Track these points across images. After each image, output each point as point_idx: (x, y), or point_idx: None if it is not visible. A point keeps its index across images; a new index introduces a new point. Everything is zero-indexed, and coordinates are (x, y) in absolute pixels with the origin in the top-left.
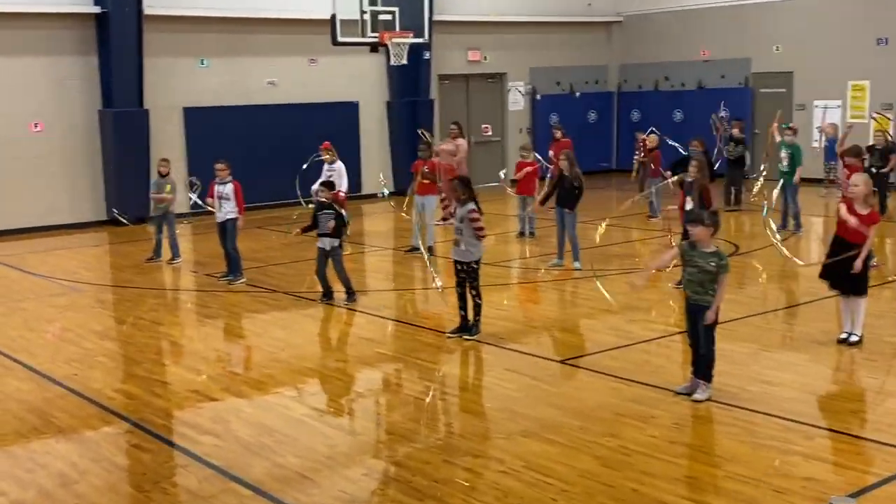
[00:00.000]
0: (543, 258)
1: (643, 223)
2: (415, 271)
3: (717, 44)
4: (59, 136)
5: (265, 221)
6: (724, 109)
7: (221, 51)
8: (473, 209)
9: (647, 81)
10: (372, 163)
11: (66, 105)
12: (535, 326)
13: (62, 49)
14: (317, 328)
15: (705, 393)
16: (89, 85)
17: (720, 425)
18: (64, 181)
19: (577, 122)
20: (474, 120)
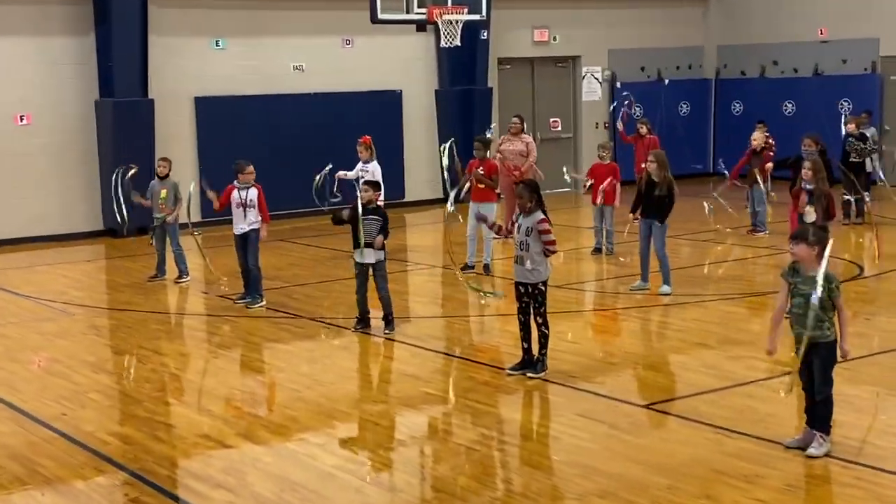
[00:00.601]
0: (624, 280)
1: (745, 239)
2: (468, 294)
3: (838, 21)
4: (49, 131)
5: (289, 233)
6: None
7: (240, 30)
8: (543, 219)
9: (752, 66)
10: (417, 163)
11: (56, 94)
12: (614, 363)
13: (53, 28)
14: (350, 362)
15: (822, 447)
16: (84, 70)
17: (840, 486)
18: (53, 184)
19: (666, 115)
20: (541, 112)
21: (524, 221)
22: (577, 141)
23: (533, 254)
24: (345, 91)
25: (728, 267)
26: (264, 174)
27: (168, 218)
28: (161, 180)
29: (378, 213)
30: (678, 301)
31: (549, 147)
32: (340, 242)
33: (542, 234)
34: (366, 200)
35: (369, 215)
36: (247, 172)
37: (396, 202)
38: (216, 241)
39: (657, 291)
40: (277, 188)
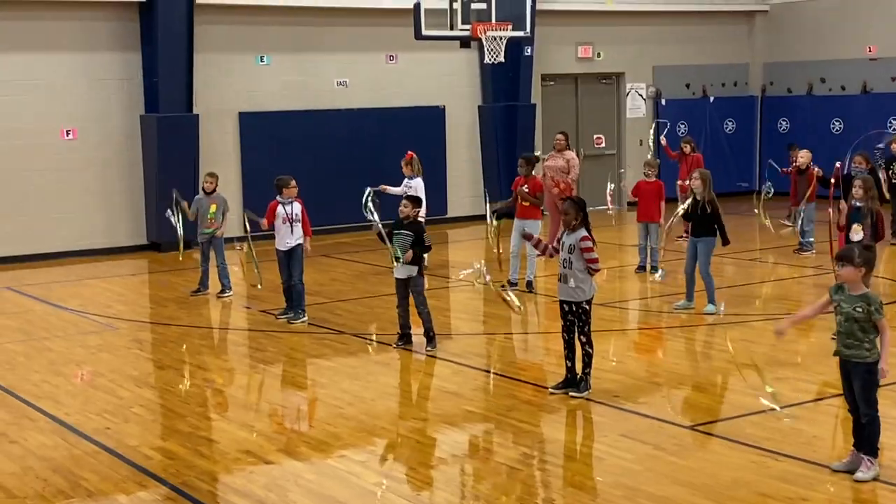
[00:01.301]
0: (669, 298)
1: (792, 258)
2: (511, 312)
3: (887, 39)
4: (94, 146)
5: (332, 248)
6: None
7: (284, 46)
8: (586, 237)
9: (799, 84)
10: (460, 179)
11: (102, 109)
12: (658, 383)
13: (99, 44)
14: (392, 379)
15: (870, 471)
16: (130, 85)
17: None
18: (98, 198)
19: (711, 132)
20: (585, 129)
21: (567, 239)
22: (621, 158)
23: (577, 272)
24: (388, 107)
25: (773, 286)
26: (307, 189)
27: (217, 232)
28: (208, 195)
29: (412, 227)
30: (723, 321)
31: (592, 164)
32: (382, 258)
33: (585, 251)
34: (403, 216)
35: (402, 230)
36: (291, 187)
37: (439, 218)
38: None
39: (702, 311)
40: (320, 203)
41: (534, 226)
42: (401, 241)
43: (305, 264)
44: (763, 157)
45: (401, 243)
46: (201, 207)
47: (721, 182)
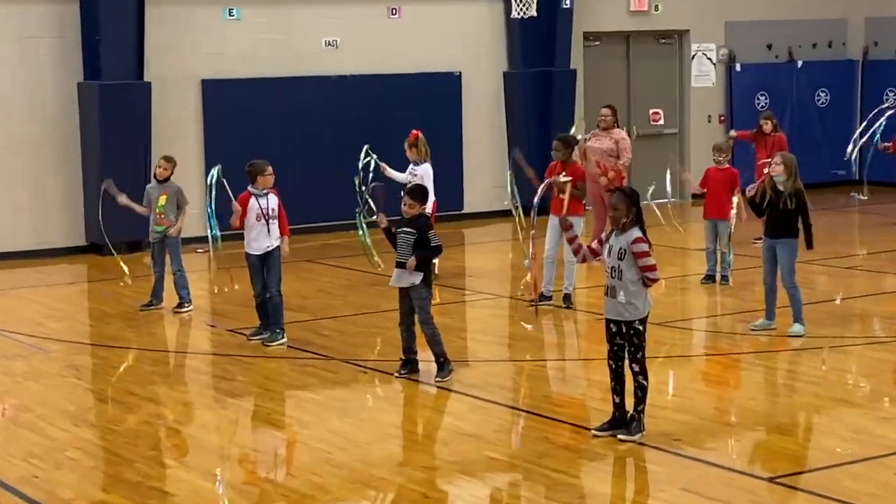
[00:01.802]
0: (744, 317)
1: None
2: (544, 333)
3: None
4: (20, 121)
5: (317, 252)
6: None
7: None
8: (640, 238)
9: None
10: (480, 165)
11: (30, 76)
12: (730, 423)
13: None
14: (393, 416)
15: None
16: (66, 46)
17: None
18: (25, 188)
19: (798, 106)
20: (637, 101)
21: (616, 241)
22: (684, 138)
23: (628, 283)
24: (389, 73)
25: (878, 301)
26: (285, 177)
27: (170, 231)
28: (160, 184)
29: (414, 223)
30: (813, 344)
31: (647, 146)
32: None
33: (639, 257)
34: (409, 214)
35: (405, 227)
36: (267, 175)
37: (454, 214)
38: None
39: (786, 332)
40: (304, 195)
41: (575, 224)
42: (402, 243)
43: (283, 271)
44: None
45: (401, 245)
46: (152, 199)
47: (811, 169)
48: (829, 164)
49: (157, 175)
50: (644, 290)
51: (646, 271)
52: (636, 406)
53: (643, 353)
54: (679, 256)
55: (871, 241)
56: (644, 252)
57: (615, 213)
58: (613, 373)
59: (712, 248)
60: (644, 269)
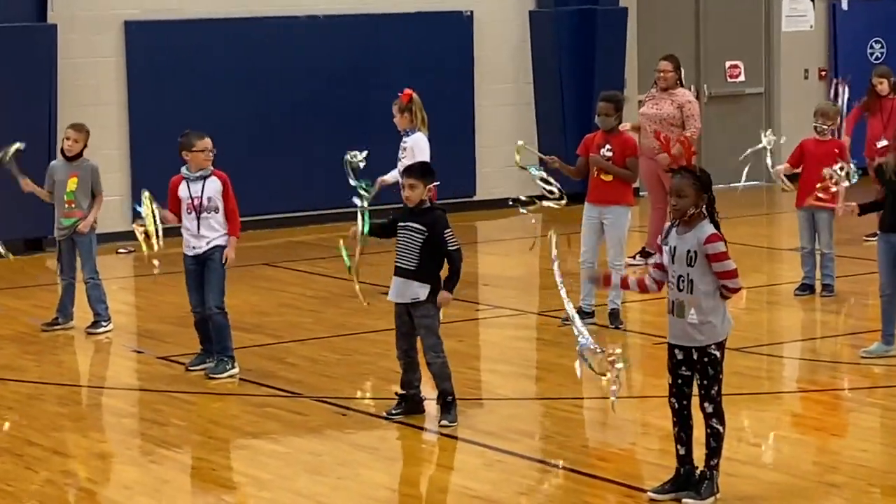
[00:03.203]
0: (853, 339)
1: None
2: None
3: None
4: None
5: (280, 253)
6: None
7: None
8: (716, 235)
9: None
10: (497, 137)
11: None
12: (836, 484)
13: None
14: (383, 475)
15: None
16: None
17: None
18: None
19: None
20: (710, 51)
21: (681, 241)
22: (773, 100)
23: (701, 296)
24: (376, 13)
25: None
26: (236, 155)
27: (80, 225)
28: (69, 162)
29: (425, 217)
30: None
31: (723, 110)
32: (370, 269)
33: (715, 260)
34: (411, 202)
35: (412, 221)
36: (196, 150)
37: (462, 202)
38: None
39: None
40: (262, 176)
41: (620, 217)
42: (404, 244)
43: (235, 279)
44: None
45: (403, 246)
46: (57, 182)
47: None
48: None
49: (65, 150)
50: (722, 304)
51: (724, 278)
52: (708, 460)
53: (720, 388)
54: (765, 259)
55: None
56: (722, 253)
57: (679, 201)
58: (678, 415)
59: (809, 248)
60: (722, 275)
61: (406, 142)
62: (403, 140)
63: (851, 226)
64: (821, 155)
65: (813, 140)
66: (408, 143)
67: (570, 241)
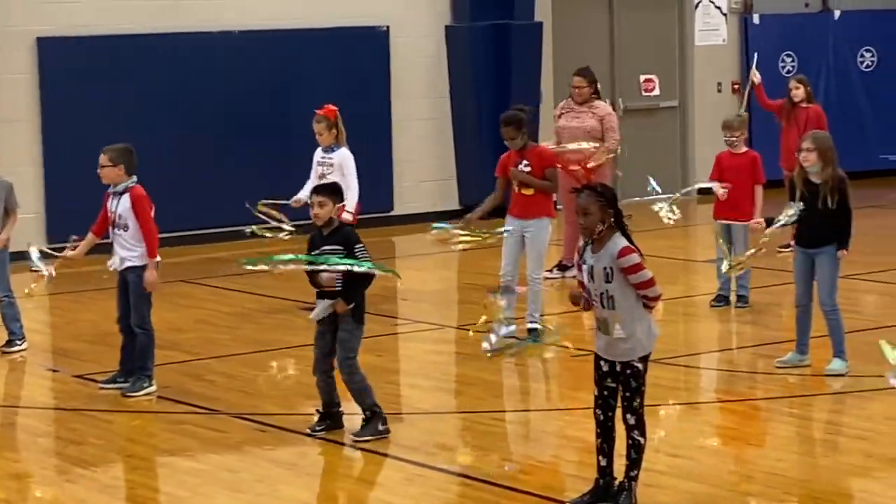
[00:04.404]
0: (768, 350)
1: None
2: (502, 376)
3: None
4: None
5: (200, 270)
6: None
7: None
8: (628, 248)
9: None
10: (414, 151)
11: None
12: (752, 493)
13: None
14: (303, 491)
15: None
16: None
17: None
18: None
19: (837, 70)
20: (625, 66)
21: (595, 259)
22: (687, 113)
23: (624, 311)
24: (293, 29)
25: None
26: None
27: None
28: None
29: (338, 236)
30: (860, 387)
31: (638, 123)
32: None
33: (631, 272)
34: (320, 220)
35: (325, 244)
36: (105, 165)
37: (380, 217)
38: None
39: (823, 370)
40: (181, 193)
41: (541, 230)
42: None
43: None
44: None
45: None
46: None
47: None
48: (878, 146)
49: None
50: (646, 314)
51: (642, 289)
52: (628, 471)
53: (642, 400)
54: (681, 271)
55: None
56: (636, 265)
57: (586, 219)
58: (602, 426)
59: (725, 260)
60: (640, 286)
61: (332, 158)
62: (324, 156)
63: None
64: (736, 167)
65: (727, 153)
66: (334, 160)
67: None
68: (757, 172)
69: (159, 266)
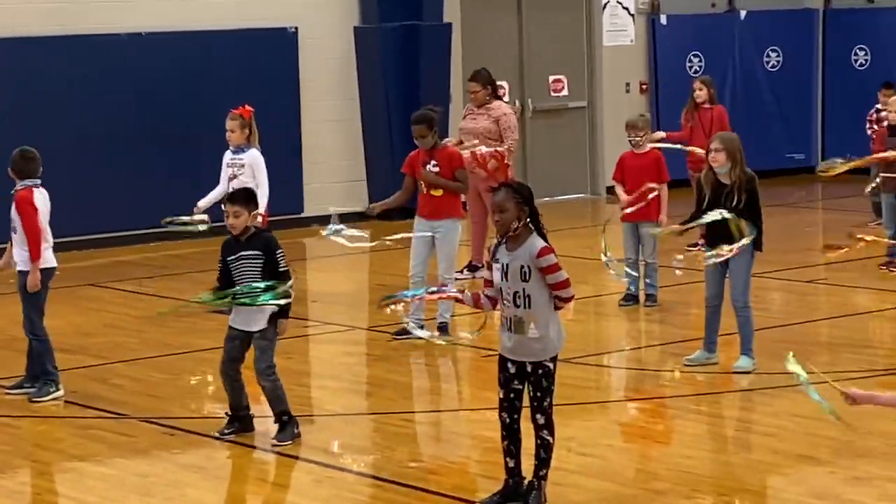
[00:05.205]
0: (677, 348)
1: (878, 278)
2: (412, 377)
3: None
4: None
5: (106, 272)
6: None
7: None
8: (546, 248)
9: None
10: (324, 152)
11: None
12: (660, 490)
13: None
14: (212, 495)
15: None
16: None
17: None
18: None
19: (742, 70)
20: (533, 66)
21: (512, 258)
22: (596, 114)
23: (539, 310)
24: (199, 30)
25: (848, 325)
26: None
27: None
28: None
29: (258, 242)
30: (767, 384)
31: (547, 123)
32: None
33: (549, 272)
34: (236, 229)
35: (243, 250)
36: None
37: (290, 219)
38: None
39: (731, 367)
40: (84, 197)
41: (451, 231)
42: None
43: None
44: (828, 109)
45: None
46: None
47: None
48: (784, 145)
49: None
50: (557, 316)
51: (558, 289)
52: (537, 471)
53: (551, 400)
54: (591, 270)
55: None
56: (554, 265)
57: (502, 216)
58: (508, 428)
59: (633, 258)
60: (556, 286)
61: (242, 159)
62: (234, 157)
63: (674, 237)
64: (639, 167)
65: (630, 153)
66: (244, 161)
67: None
68: (661, 172)
69: (56, 272)
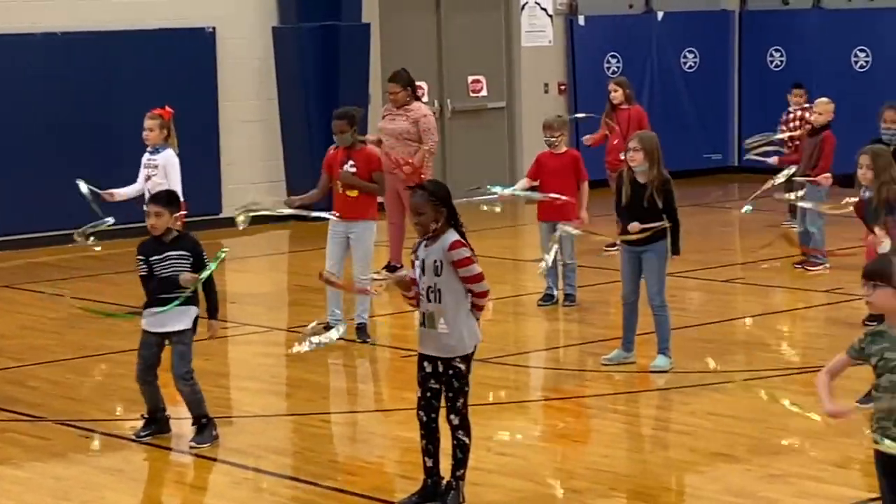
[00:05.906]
0: (595, 347)
1: (793, 277)
2: (330, 377)
3: None
4: None
5: (20, 275)
6: None
7: None
8: (458, 242)
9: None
10: (242, 151)
11: None
12: (577, 489)
13: None
14: (129, 497)
15: None
16: None
17: None
18: None
19: (660, 70)
20: (452, 67)
21: (427, 252)
22: (515, 114)
23: (450, 305)
24: (115, 31)
25: (764, 324)
26: None
27: None
28: None
29: (184, 243)
30: (684, 383)
31: (466, 124)
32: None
33: (460, 266)
34: (157, 230)
35: (170, 250)
36: None
37: (208, 219)
38: None
39: (648, 366)
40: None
41: (365, 231)
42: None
43: None
44: (744, 110)
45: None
46: None
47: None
48: (701, 145)
49: None
50: (471, 315)
51: (470, 283)
52: (454, 471)
53: (466, 401)
54: (509, 270)
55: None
56: (466, 259)
57: (420, 218)
58: (425, 427)
59: (550, 259)
60: (468, 280)
61: (155, 159)
62: (150, 158)
63: (591, 237)
64: (556, 167)
65: (548, 153)
66: (158, 161)
67: None
68: (579, 171)
69: None
